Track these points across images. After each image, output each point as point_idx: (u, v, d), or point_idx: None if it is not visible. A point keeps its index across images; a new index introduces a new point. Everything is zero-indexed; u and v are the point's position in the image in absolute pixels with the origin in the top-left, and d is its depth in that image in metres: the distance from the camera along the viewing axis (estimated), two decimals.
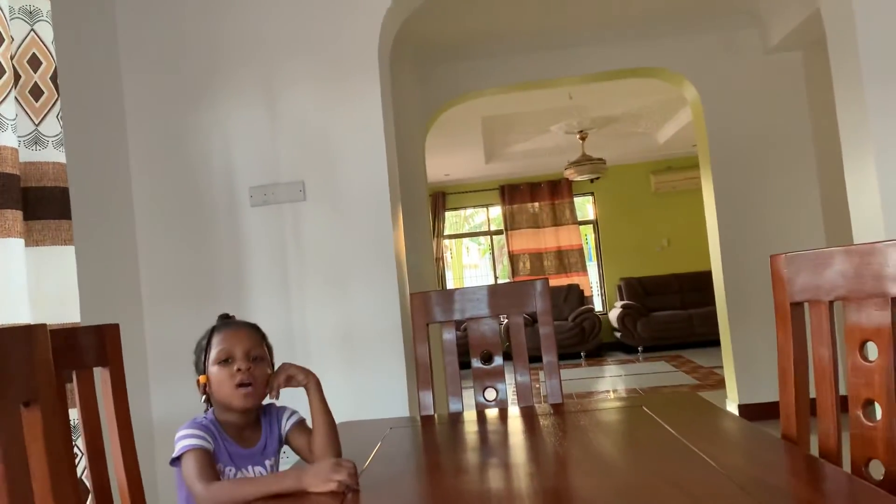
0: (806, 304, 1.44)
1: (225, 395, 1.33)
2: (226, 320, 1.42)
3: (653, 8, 4.42)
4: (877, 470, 1.25)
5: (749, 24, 4.63)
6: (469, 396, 2.04)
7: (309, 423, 1.41)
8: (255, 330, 1.40)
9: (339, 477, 1.15)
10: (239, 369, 1.32)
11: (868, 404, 1.29)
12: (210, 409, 1.38)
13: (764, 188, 4.60)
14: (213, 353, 1.35)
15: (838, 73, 3.01)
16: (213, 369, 1.34)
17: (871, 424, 1.27)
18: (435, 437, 1.73)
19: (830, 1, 2.99)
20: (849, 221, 3.01)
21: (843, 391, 1.32)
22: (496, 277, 10.17)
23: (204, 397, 1.38)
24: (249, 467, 1.35)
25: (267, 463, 1.38)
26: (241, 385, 1.32)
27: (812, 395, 1.42)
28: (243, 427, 1.37)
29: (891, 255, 1.23)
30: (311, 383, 1.39)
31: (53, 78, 1.96)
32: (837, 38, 2.98)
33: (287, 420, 1.43)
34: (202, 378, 1.35)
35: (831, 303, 1.37)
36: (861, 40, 2.81)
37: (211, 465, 1.26)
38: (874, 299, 1.27)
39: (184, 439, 1.27)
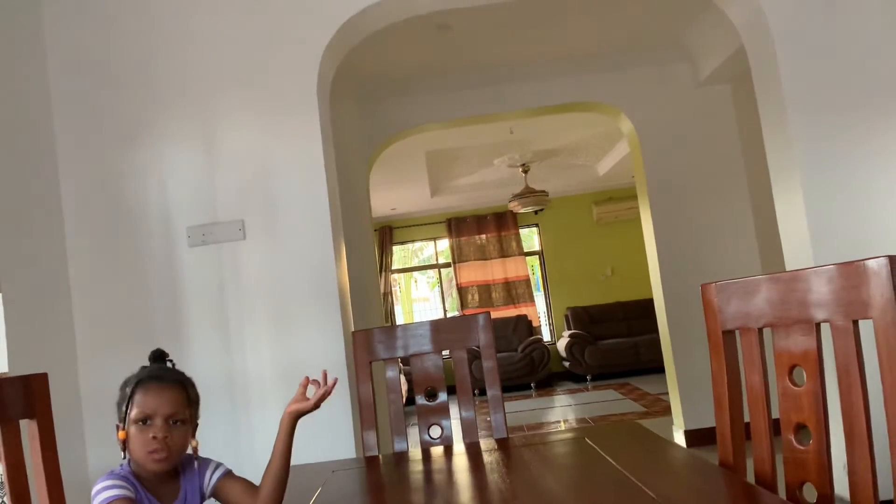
0: (737, 332, 1.47)
1: (139, 457, 1.26)
2: (154, 372, 1.33)
3: (587, 44, 4.55)
4: (811, 493, 1.28)
5: (680, 58, 4.79)
6: (415, 434, 2.02)
7: (236, 472, 1.36)
8: (181, 389, 1.32)
9: None
10: (154, 437, 1.25)
11: (799, 428, 1.32)
12: (127, 461, 1.31)
13: (700, 216, 4.73)
14: (133, 411, 1.27)
15: (764, 105, 3.13)
16: (131, 428, 1.27)
17: (802, 448, 1.30)
18: (379, 478, 1.71)
19: (753, 37, 3.12)
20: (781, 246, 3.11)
21: (777, 415, 1.35)
22: (445, 310, 10.16)
23: (123, 454, 1.30)
24: None
25: None
26: (154, 451, 1.26)
27: (747, 419, 1.45)
28: (161, 481, 1.31)
29: (814, 281, 1.28)
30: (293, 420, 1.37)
31: None
32: (761, 71, 3.11)
33: (212, 475, 1.36)
34: (121, 434, 1.29)
35: (760, 330, 1.41)
36: (783, 74, 2.93)
37: None
38: (800, 325, 1.31)
39: (105, 491, 1.20)
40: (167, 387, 1.30)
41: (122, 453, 1.28)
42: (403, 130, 4.95)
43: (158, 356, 1.37)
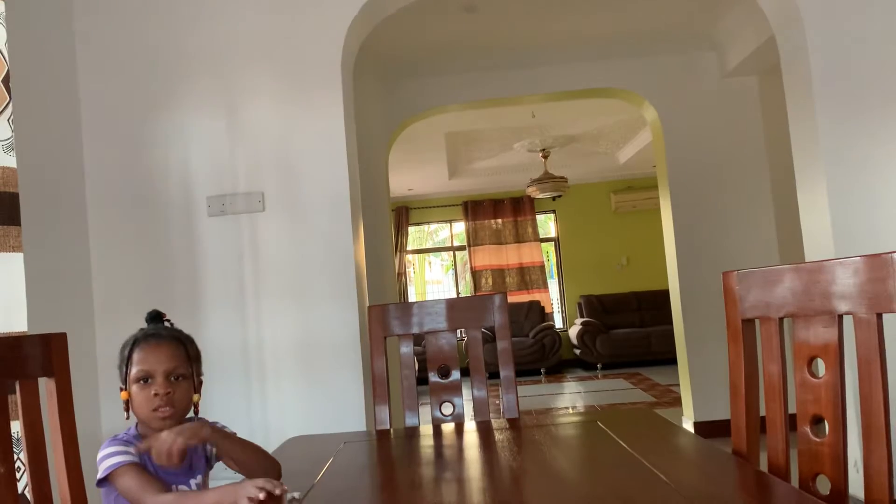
0: (757, 321, 1.46)
1: (143, 416, 1.28)
2: (150, 330, 1.33)
3: (614, 30, 4.50)
4: (824, 485, 1.28)
5: (707, 48, 4.74)
6: (427, 412, 2.03)
7: (239, 435, 1.37)
8: (178, 345, 1.32)
9: (249, 493, 1.06)
10: (156, 394, 1.26)
11: (816, 421, 1.31)
12: (134, 425, 1.32)
13: (720, 208, 4.69)
14: (133, 371, 1.28)
15: (791, 97, 3.09)
16: (133, 388, 1.28)
17: (818, 440, 1.29)
18: (390, 451, 1.72)
19: (784, 26, 3.07)
20: (802, 241, 3.08)
21: (793, 408, 1.34)
22: (458, 293, 10.16)
23: (126, 414, 1.30)
24: (174, 486, 1.27)
25: (192, 481, 1.31)
26: (158, 408, 1.26)
27: (763, 411, 1.44)
28: None
29: (838, 272, 1.26)
30: (210, 435, 1.25)
31: (5, 80, 1.92)
32: (791, 65, 3.06)
33: None
34: (123, 394, 1.29)
35: (781, 319, 1.40)
36: (814, 68, 2.89)
37: (151, 476, 1.21)
38: (821, 316, 1.29)
39: (112, 457, 1.20)
40: (164, 343, 1.30)
41: (126, 413, 1.29)
42: (424, 111, 4.93)
43: (155, 316, 1.38)
